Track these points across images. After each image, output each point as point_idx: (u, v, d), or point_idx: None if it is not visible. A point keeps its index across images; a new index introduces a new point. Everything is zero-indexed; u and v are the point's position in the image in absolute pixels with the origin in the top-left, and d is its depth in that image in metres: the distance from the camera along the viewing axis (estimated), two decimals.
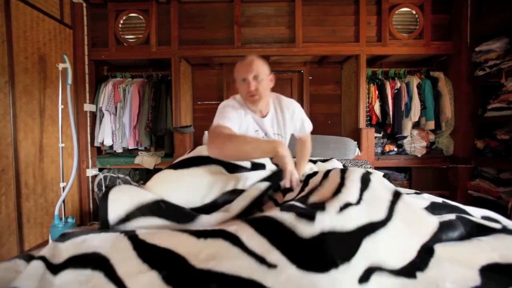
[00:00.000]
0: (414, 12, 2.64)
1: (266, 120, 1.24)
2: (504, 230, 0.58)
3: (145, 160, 2.58)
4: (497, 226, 0.60)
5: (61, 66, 2.17)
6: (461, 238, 0.57)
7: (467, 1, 2.48)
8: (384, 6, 2.61)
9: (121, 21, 2.67)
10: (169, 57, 2.64)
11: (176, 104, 2.65)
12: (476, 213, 0.71)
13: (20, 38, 1.97)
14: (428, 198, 0.80)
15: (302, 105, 3.06)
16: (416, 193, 0.92)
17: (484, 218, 0.68)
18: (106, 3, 2.64)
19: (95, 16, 2.70)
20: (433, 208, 0.70)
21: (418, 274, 0.48)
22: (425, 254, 0.52)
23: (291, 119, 1.27)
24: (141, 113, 2.69)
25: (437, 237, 0.56)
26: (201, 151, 1.07)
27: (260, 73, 1.12)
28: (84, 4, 2.62)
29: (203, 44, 2.70)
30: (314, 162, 1.63)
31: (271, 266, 0.44)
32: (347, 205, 0.56)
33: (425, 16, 2.61)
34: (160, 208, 0.69)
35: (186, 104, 2.89)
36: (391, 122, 2.66)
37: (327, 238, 0.47)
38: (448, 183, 2.69)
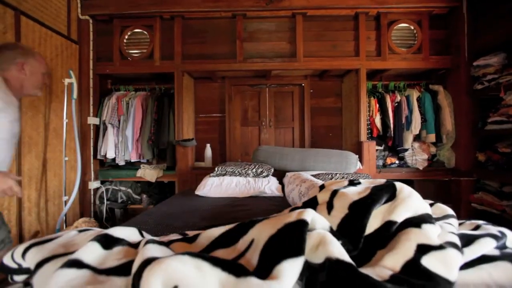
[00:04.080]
0: (412, 28, 2.71)
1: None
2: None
3: (147, 173, 2.59)
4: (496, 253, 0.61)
5: (67, 81, 2.21)
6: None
7: (464, 17, 2.54)
8: (382, 22, 2.68)
9: (126, 37, 2.74)
10: (172, 71, 2.69)
11: (178, 117, 2.68)
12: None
13: None
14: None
15: (303, 118, 3.15)
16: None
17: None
18: (111, 19, 2.72)
19: (100, 31, 2.78)
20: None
21: None
22: None
23: None
24: (144, 126, 2.72)
25: None
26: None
27: None
28: (91, 20, 2.69)
29: (206, 58, 2.76)
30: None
31: None
32: None
33: (423, 31, 2.67)
34: None
35: (189, 117, 2.92)
36: (392, 135, 2.68)
37: None
38: (451, 196, 2.67)
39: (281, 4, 2.60)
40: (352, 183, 0.87)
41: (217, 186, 1.92)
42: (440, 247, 0.55)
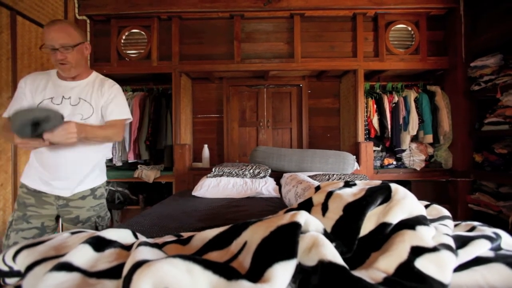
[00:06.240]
0: (409, 29, 2.71)
1: (77, 83, 1.27)
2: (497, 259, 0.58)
3: (145, 173, 2.58)
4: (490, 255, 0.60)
5: None
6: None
7: (461, 18, 2.55)
8: (380, 23, 2.68)
9: (123, 37, 2.73)
10: (170, 72, 2.68)
11: (176, 117, 2.68)
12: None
13: (24, 55, 2.02)
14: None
15: (301, 119, 3.15)
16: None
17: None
18: (109, 20, 2.71)
19: (98, 32, 2.77)
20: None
21: None
22: None
23: (102, 93, 1.32)
24: (141, 126, 2.71)
25: None
26: None
27: (69, 42, 1.13)
28: (88, 21, 2.68)
29: (204, 59, 2.76)
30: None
31: None
32: None
33: (421, 32, 2.68)
34: None
35: (186, 118, 2.91)
36: (390, 135, 2.68)
37: None
38: (448, 197, 2.68)
39: (279, 5, 2.60)
40: (348, 184, 0.87)
41: (214, 187, 1.92)
42: (434, 249, 0.55)
